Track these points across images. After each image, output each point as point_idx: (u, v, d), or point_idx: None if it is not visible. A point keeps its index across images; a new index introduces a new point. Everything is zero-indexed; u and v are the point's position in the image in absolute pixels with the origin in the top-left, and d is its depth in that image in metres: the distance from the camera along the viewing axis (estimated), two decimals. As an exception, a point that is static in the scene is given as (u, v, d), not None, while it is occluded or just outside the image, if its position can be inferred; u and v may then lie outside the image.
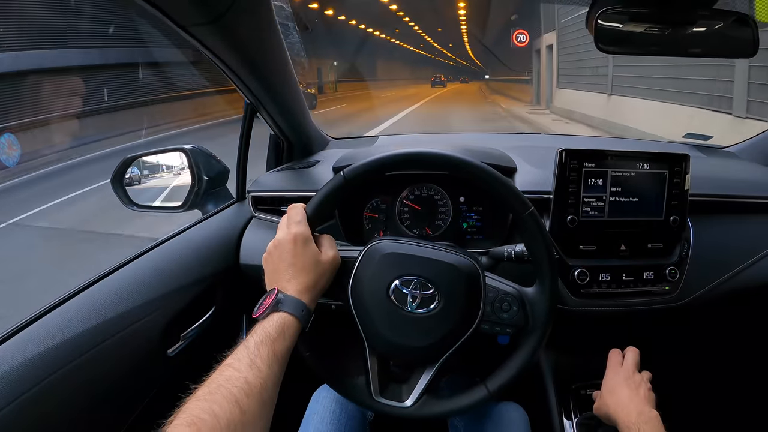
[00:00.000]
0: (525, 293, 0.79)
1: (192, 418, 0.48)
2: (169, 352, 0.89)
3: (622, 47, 0.88)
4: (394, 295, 0.76)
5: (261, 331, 0.62)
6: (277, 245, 0.72)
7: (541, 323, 0.77)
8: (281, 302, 0.66)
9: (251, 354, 0.58)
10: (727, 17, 0.80)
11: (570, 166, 0.95)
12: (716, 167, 1.26)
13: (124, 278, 0.85)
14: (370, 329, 0.77)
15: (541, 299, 0.78)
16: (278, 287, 0.68)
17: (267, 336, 0.61)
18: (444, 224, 1.10)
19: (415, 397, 0.78)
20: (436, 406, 0.78)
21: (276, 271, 0.71)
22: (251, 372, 0.56)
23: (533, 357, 0.77)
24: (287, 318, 0.65)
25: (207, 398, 0.51)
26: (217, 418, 0.49)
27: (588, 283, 0.96)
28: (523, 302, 0.79)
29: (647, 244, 0.99)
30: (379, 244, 0.79)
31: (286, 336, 0.63)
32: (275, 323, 0.63)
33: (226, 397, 0.52)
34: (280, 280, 0.69)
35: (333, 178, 0.77)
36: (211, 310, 1.02)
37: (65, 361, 0.69)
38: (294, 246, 0.70)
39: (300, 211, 0.74)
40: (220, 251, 1.06)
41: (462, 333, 0.76)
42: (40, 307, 0.74)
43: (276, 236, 0.73)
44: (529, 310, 0.78)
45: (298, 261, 0.70)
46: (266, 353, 0.59)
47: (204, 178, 1.17)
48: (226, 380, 0.54)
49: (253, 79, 1.00)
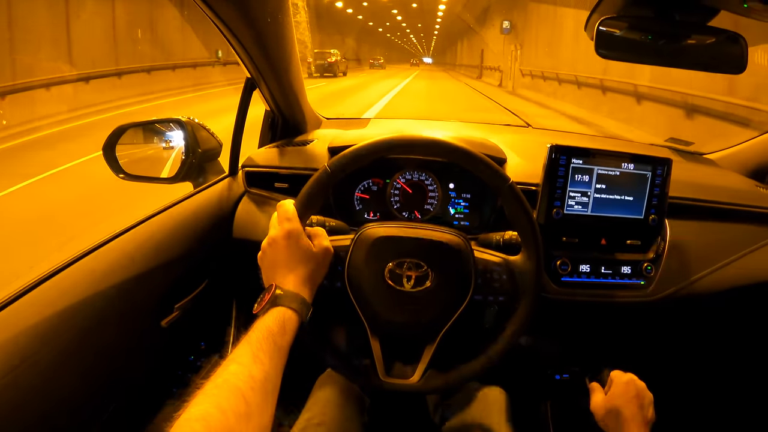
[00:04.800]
0: (512, 262, 0.84)
1: (201, 413, 0.50)
2: (163, 324, 0.90)
3: (619, 53, 0.90)
4: (390, 276, 0.79)
5: (262, 326, 0.64)
6: (270, 243, 0.74)
7: (531, 288, 0.82)
8: (279, 297, 0.68)
9: (254, 348, 0.60)
10: (719, 34, 0.84)
11: (559, 161, 0.99)
12: (696, 173, 1.31)
13: (118, 249, 0.85)
14: (369, 312, 0.81)
15: (528, 266, 0.82)
16: (276, 283, 0.70)
17: (268, 330, 0.63)
18: (433, 209, 1.13)
19: (421, 372, 0.81)
20: (443, 378, 0.82)
21: (272, 268, 0.73)
22: (255, 366, 0.58)
23: (527, 321, 0.81)
24: (286, 312, 0.67)
25: (214, 392, 0.53)
26: (225, 411, 0.51)
27: (569, 273, 1.01)
28: (511, 271, 0.83)
29: (626, 240, 1.04)
30: (369, 230, 0.82)
31: (286, 329, 0.65)
32: (275, 318, 0.65)
33: (232, 391, 0.53)
34: (276, 276, 0.72)
35: (318, 172, 0.79)
36: (204, 283, 1.03)
37: (59, 332, 0.70)
38: (287, 242, 0.72)
39: (290, 208, 0.76)
40: (213, 225, 1.07)
41: (457, 306, 0.81)
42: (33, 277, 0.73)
43: (269, 234, 0.75)
44: (518, 278, 0.83)
45: (293, 256, 0.72)
46: (268, 347, 0.61)
47: (198, 150, 1.17)
48: (232, 375, 0.56)
49: (258, 52, 1.00)
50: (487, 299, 0.84)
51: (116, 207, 3.39)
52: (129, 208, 1.42)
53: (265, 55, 1.01)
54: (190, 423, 0.49)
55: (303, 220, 0.76)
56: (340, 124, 1.47)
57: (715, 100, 6.51)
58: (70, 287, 0.75)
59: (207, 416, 0.50)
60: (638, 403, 0.86)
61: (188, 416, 0.50)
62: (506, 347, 0.81)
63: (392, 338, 0.84)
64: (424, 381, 0.81)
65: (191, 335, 1.05)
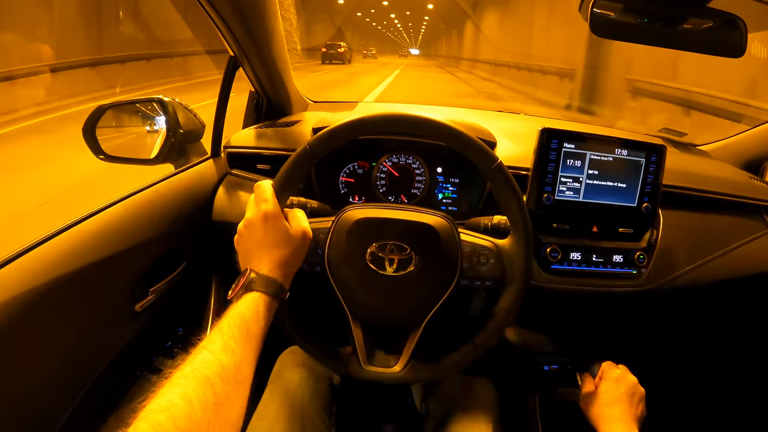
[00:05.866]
0: (500, 246, 0.80)
1: (166, 404, 0.48)
2: (137, 308, 0.87)
3: (614, 34, 0.88)
4: (371, 260, 0.76)
5: (235, 313, 0.61)
6: (247, 225, 0.71)
7: (520, 271, 0.78)
8: (254, 282, 0.66)
9: (225, 336, 0.57)
10: (718, 17, 0.81)
11: (551, 145, 0.96)
12: (690, 162, 1.29)
13: (92, 229, 0.81)
14: (350, 298, 0.78)
15: (517, 249, 0.79)
16: (251, 267, 0.68)
17: (241, 317, 0.61)
18: (419, 193, 1.10)
19: (405, 361, 0.78)
20: (427, 368, 0.79)
21: (248, 251, 0.70)
22: (225, 354, 0.55)
23: (516, 307, 0.78)
24: (261, 297, 0.64)
25: (181, 382, 0.50)
26: (191, 402, 0.49)
27: (559, 261, 0.99)
28: (499, 255, 0.80)
29: (618, 228, 1.02)
30: (350, 212, 0.78)
31: (260, 316, 0.63)
32: (249, 303, 0.63)
33: (200, 381, 0.51)
34: (252, 260, 0.69)
35: (298, 150, 0.75)
36: (181, 266, 1.00)
37: (27, 314, 0.67)
38: (264, 224, 0.70)
39: (267, 188, 0.73)
40: (193, 207, 1.03)
41: (442, 291, 0.77)
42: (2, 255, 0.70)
43: (245, 216, 0.72)
44: (507, 262, 0.79)
45: (269, 239, 0.69)
46: (240, 334, 0.58)
47: (179, 131, 1.13)
48: (201, 363, 0.53)
49: (241, 29, 0.96)
50: (474, 284, 0.80)
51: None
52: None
53: (246, 31, 0.97)
54: (154, 414, 0.47)
55: (281, 201, 0.73)
56: (327, 107, 1.44)
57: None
58: (39, 267, 0.71)
59: (172, 407, 0.48)
60: (629, 398, 0.85)
61: (153, 407, 0.48)
62: (494, 336, 0.79)
63: (374, 325, 0.81)
64: (407, 370, 0.78)
65: (168, 320, 1.02)
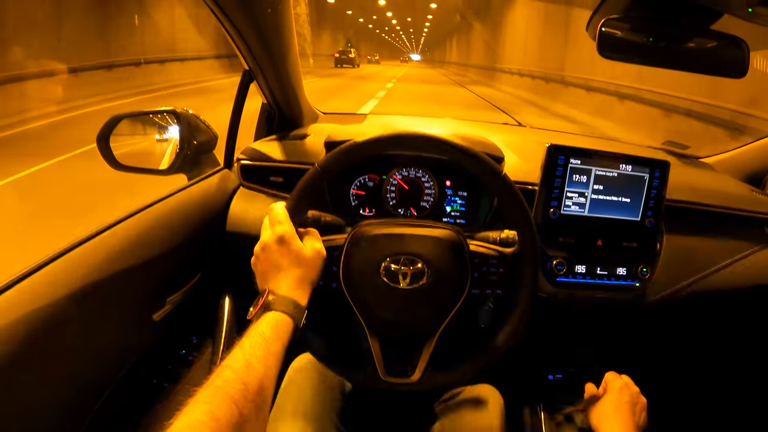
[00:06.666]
0: (508, 255, 0.83)
1: (192, 422, 0.49)
2: (154, 317, 0.89)
3: (620, 54, 0.90)
4: (385, 274, 0.78)
5: (255, 332, 0.63)
6: (263, 247, 0.73)
7: (529, 279, 0.81)
8: (273, 302, 0.67)
9: (247, 355, 0.59)
10: (721, 38, 0.83)
11: (557, 161, 0.98)
12: (693, 176, 1.31)
13: (110, 241, 0.83)
14: (366, 312, 0.80)
15: (525, 257, 0.81)
16: (269, 288, 0.69)
17: (261, 336, 0.62)
18: (429, 206, 1.12)
19: (422, 371, 0.80)
20: (443, 377, 0.81)
21: (265, 272, 0.72)
22: (248, 373, 0.57)
23: (527, 313, 0.81)
24: (280, 317, 0.66)
25: (207, 400, 0.52)
26: (217, 420, 0.50)
27: (564, 273, 1.01)
28: (508, 264, 0.83)
29: (622, 242, 1.04)
30: (363, 228, 0.81)
31: (280, 335, 0.64)
32: (268, 323, 0.64)
33: (224, 400, 0.52)
34: (269, 281, 0.70)
35: (308, 171, 0.77)
36: (197, 277, 1.02)
37: (49, 325, 0.68)
38: (279, 246, 0.71)
39: (281, 211, 0.75)
40: (207, 218, 1.05)
41: (455, 301, 0.80)
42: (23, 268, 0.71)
43: (261, 238, 0.74)
44: (516, 270, 0.82)
45: (285, 259, 0.71)
46: (261, 353, 0.60)
47: (193, 142, 1.15)
48: (224, 382, 0.55)
49: (257, 43, 0.99)
50: (485, 293, 0.83)
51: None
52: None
53: (263, 46, 1.00)
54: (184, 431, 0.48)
55: (295, 222, 0.75)
56: (337, 118, 1.46)
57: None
58: (60, 279, 0.73)
59: (198, 424, 0.49)
60: (631, 408, 0.86)
61: (179, 425, 0.49)
62: (507, 343, 0.81)
63: (391, 337, 0.83)
64: (424, 379, 0.80)
65: (183, 329, 1.04)
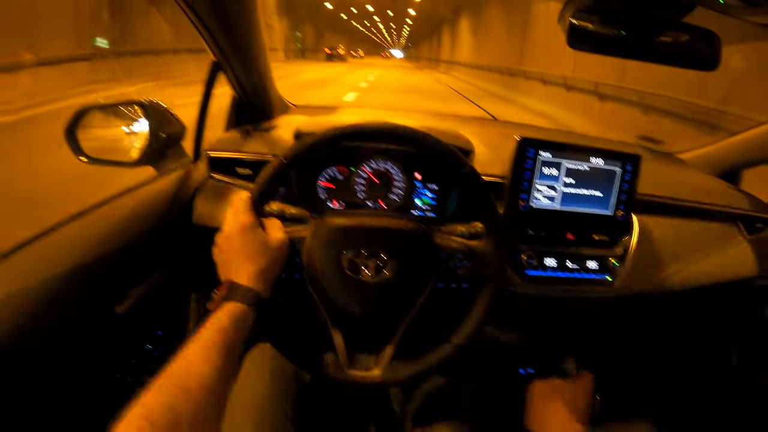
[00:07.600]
0: (474, 248, 0.83)
1: (146, 412, 0.48)
2: (117, 310, 0.87)
3: (590, 46, 0.89)
4: (348, 266, 0.77)
5: (214, 322, 0.62)
6: (225, 237, 0.72)
7: (493, 272, 0.80)
8: (233, 292, 0.67)
9: (205, 345, 0.58)
10: (693, 31, 0.83)
11: (527, 154, 0.97)
12: (666, 171, 1.31)
13: (72, 233, 0.82)
14: (328, 304, 0.79)
15: (489, 250, 0.81)
16: (230, 278, 0.69)
17: (220, 326, 0.61)
18: (398, 199, 1.11)
19: (384, 364, 0.79)
20: (406, 370, 0.80)
21: (227, 262, 0.72)
22: (205, 364, 0.56)
23: (489, 306, 0.80)
24: (239, 307, 0.65)
25: (161, 391, 0.51)
26: (172, 410, 0.49)
27: (534, 267, 1.00)
28: (473, 255, 0.82)
29: (593, 236, 1.04)
30: (325, 220, 0.80)
31: (238, 325, 0.63)
32: (228, 313, 0.64)
33: (180, 389, 0.52)
34: (231, 271, 0.70)
35: (272, 162, 0.76)
36: (161, 269, 1.00)
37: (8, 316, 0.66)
38: (242, 235, 0.71)
39: (244, 200, 0.74)
40: (173, 210, 1.03)
41: (418, 295, 0.79)
42: None
43: (223, 228, 0.73)
44: (480, 263, 0.82)
45: (247, 249, 0.71)
46: (220, 344, 0.59)
47: (161, 134, 1.12)
48: (180, 372, 0.54)
49: (223, 35, 0.96)
50: (450, 286, 0.83)
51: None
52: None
53: (229, 37, 0.97)
54: (138, 421, 0.47)
55: (258, 212, 0.74)
56: (308, 111, 1.44)
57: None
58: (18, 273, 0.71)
59: (153, 414, 0.48)
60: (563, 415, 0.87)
61: (134, 414, 0.48)
62: (470, 334, 0.80)
63: (354, 329, 0.82)
64: (387, 373, 0.79)
65: (148, 323, 1.02)
